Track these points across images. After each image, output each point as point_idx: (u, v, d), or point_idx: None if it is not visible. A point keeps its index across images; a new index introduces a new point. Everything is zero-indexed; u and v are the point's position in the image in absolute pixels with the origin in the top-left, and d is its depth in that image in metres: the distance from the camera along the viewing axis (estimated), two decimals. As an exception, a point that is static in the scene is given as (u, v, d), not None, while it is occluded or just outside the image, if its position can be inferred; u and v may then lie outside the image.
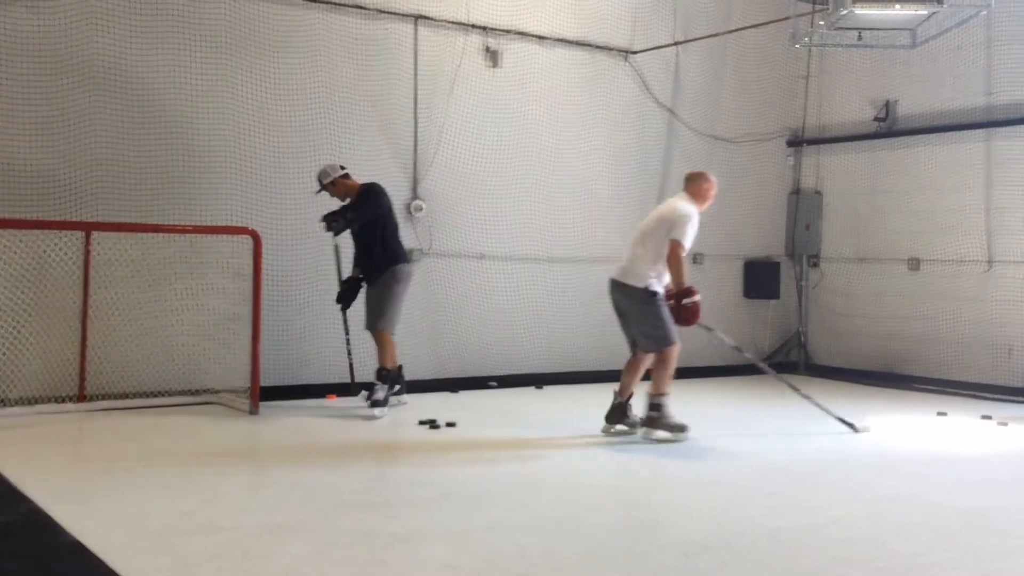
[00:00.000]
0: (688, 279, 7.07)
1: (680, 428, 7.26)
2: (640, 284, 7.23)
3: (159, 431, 7.14)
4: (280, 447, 6.86)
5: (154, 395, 8.09)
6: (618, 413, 7.43)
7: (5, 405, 7.47)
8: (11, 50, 7.75)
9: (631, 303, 7.32)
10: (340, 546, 4.48)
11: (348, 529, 4.76)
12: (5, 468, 5.73)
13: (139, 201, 8.21)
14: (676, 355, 7.28)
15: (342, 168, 8.27)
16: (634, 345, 7.50)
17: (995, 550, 4.73)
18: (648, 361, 7.44)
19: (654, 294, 7.20)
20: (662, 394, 7.24)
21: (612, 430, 7.43)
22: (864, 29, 9.29)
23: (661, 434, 7.24)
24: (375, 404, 7.92)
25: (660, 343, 7.22)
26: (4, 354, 7.57)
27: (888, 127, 11.18)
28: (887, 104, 11.16)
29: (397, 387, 8.31)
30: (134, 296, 8.14)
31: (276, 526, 4.76)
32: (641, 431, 7.32)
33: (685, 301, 7.06)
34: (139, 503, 5.17)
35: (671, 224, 7.16)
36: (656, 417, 7.24)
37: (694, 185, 7.51)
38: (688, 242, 7.10)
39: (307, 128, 9.04)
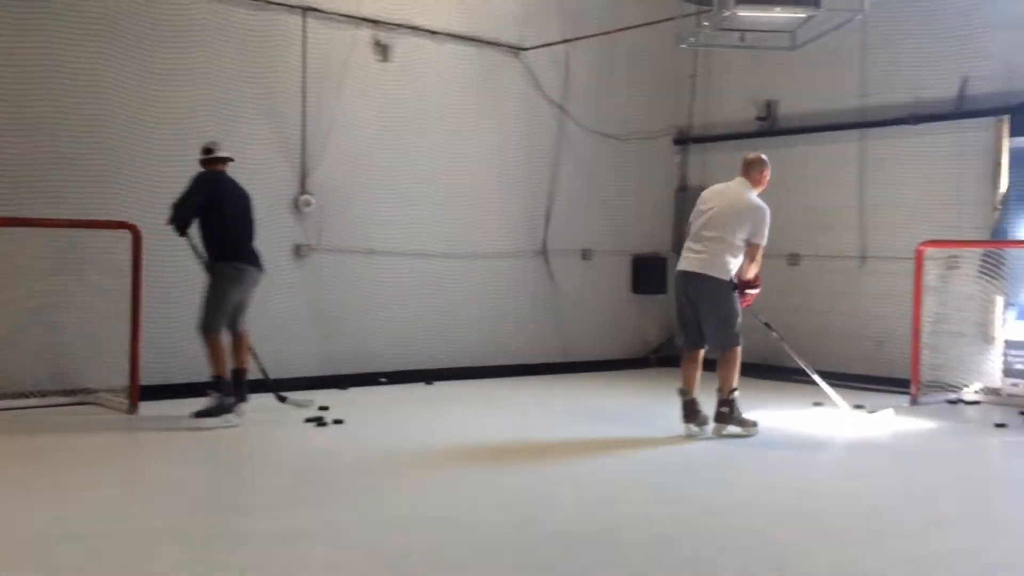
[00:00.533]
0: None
1: (751, 423, 7.33)
2: (725, 277, 7.21)
3: (32, 433, 6.90)
4: (159, 448, 6.70)
5: (27, 396, 7.79)
6: (694, 410, 7.31)
7: None
8: None
9: (712, 296, 7.19)
10: (219, 550, 4.41)
11: (227, 532, 4.68)
12: None
13: (6, 194, 7.88)
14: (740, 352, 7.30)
15: (207, 151, 7.73)
16: (692, 344, 7.37)
17: (863, 534, 4.93)
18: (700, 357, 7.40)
19: (736, 287, 7.25)
20: (733, 390, 7.25)
21: (700, 431, 7.26)
22: (746, 31, 9.56)
23: (733, 429, 7.28)
24: (199, 415, 7.25)
25: (731, 341, 7.25)
26: None
27: (770, 126, 11.52)
28: (768, 104, 11.50)
29: (232, 398, 7.46)
30: (4, 294, 7.82)
31: (152, 531, 4.65)
32: (712, 427, 7.30)
33: (748, 290, 7.30)
34: (8, 508, 4.98)
35: (753, 225, 7.24)
36: (727, 413, 7.25)
37: (756, 172, 7.47)
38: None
39: (191, 120, 8.81)
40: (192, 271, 8.76)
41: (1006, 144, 9.61)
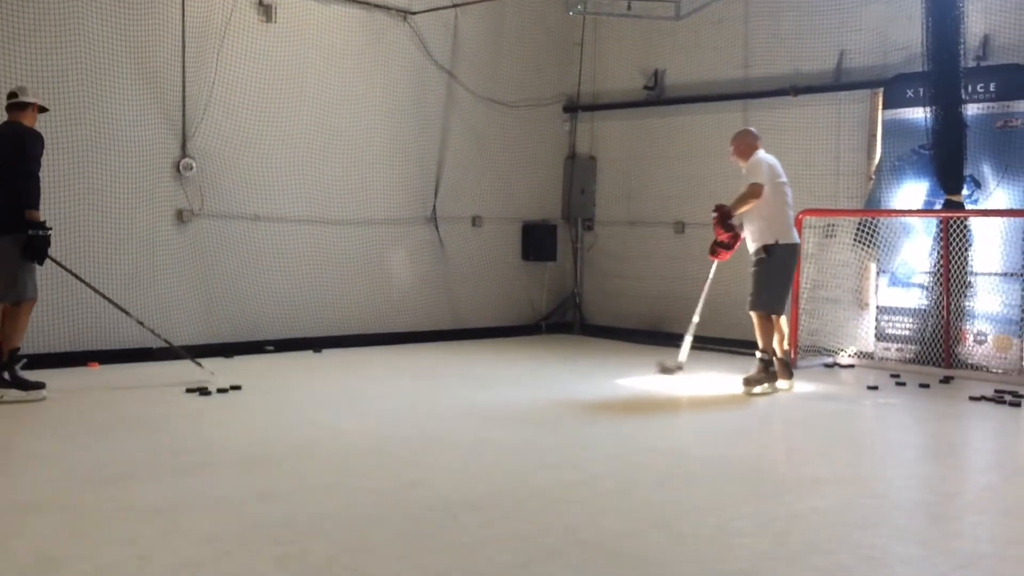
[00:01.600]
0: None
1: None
2: None
3: None
4: (30, 419, 6.45)
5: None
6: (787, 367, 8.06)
7: None
8: None
9: None
10: (93, 523, 4.28)
11: (102, 504, 4.54)
12: None
13: None
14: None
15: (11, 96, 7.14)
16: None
17: (739, 494, 5.08)
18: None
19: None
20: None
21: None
22: (632, 0, 9.65)
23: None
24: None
25: None
26: None
27: (657, 95, 11.66)
28: (656, 73, 11.64)
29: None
30: None
31: (22, 504, 4.49)
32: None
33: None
34: None
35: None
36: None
37: None
38: None
39: (64, 82, 8.43)
40: (67, 236, 8.46)
41: (880, 116, 9.95)
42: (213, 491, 4.82)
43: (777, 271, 7.82)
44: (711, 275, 8.39)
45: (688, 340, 8.52)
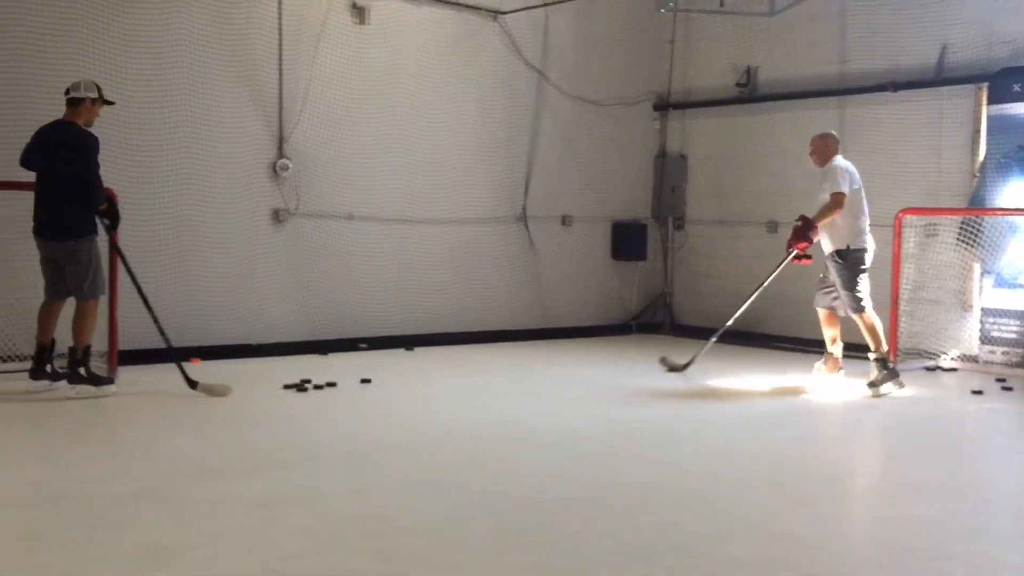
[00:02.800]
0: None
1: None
2: None
3: (9, 397, 6.84)
4: (137, 412, 6.67)
5: (3, 359, 7.72)
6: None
7: None
8: None
9: None
10: (198, 514, 4.40)
11: (205, 496, 4.67)
12: None
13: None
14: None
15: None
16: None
17: (836, 499, 4.98)
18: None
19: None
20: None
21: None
22: (726, -5, 9.53)
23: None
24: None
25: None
26: None
27: (749, 93, 11.49)
28: (748, 70, 11.46)
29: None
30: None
31: (131, 495, 4.64)
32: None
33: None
34: (-17, 474, 4.96)
35: None
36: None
37: None
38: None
39: (165, 84, 8.70)
40: (169, 236, 8.73)
41: (984, 111, 9.63)
42: (311, 486, 4.92)
43: (855, 273, 7.93)
44: (764, 283, 8.60)
45: (712, 342, 8.68)
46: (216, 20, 8.97)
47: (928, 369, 9.38)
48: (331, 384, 7.63)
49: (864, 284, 8.00)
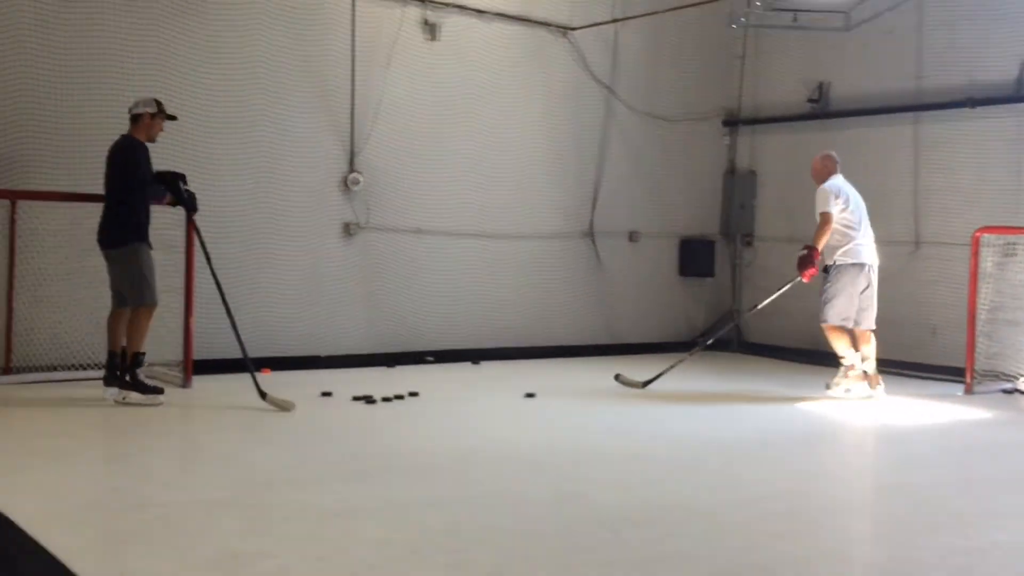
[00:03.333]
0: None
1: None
2: None
3: (88, 404, 7.02)
4: (213, 421, 6.79)
5: (83, 367, 7.93)
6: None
7: (-73, 378, 7.28)
8: (-68, 11, 7.49)
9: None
10: (274, 522, 4.46)
11: (282, 505, 4.74)
12: (-73, 443, 5.60)
13: (66, 170, 8.01)
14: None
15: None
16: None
17: (918, 524, 4.88)
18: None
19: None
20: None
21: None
22: (799, 11, 9.45)
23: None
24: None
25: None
26: (-75, 326, 7.36)
27: (821, 108, 11.35)
28: (821, 86, 11.32)
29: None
30: (62, 266, 7.97)
31: (208, 502, 4.73)
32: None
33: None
34: (68, 477, 5.09)
35: None
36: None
37: None
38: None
39: (241, 99, 8.90)
40: (243, 248, 8.90)
41: (1065, 129, 9.40)
42: (384, 497, 4.96)
43: (837, 288, 8.39)
44: (762, 304, 9.11)
45: (683, 359, 9.04)
46: (291, 37, 9.14)
47: (1006, 392, 9.14)
48: (400, 397, 7.68)
49: (843, 300, 8.38)
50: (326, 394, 7.71)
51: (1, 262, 7.72)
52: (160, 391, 7.28)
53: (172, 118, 7.51)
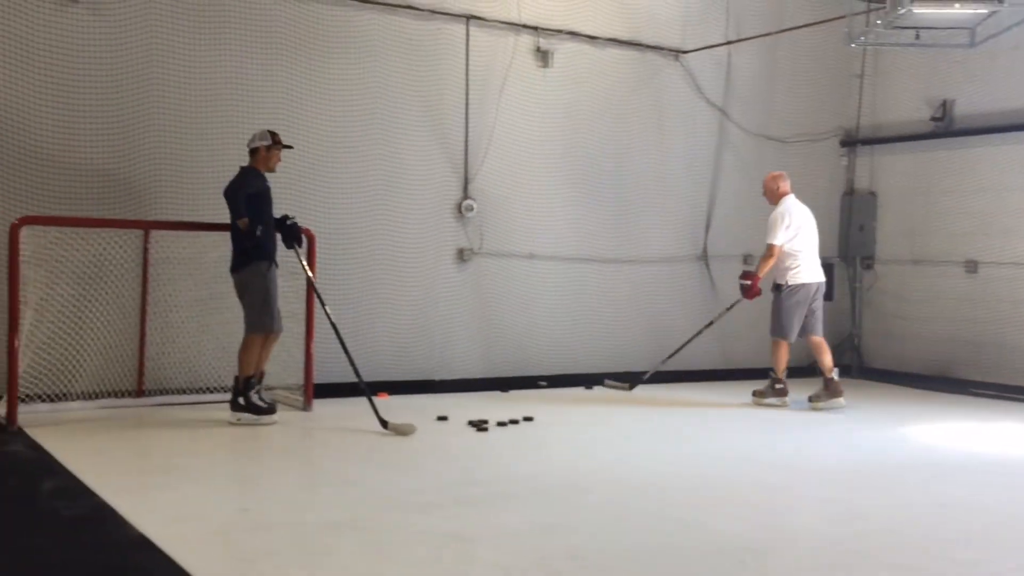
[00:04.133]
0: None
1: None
2: None
3: (216, 426, 7.26)
4: (334, 444, 6.94)
5: (210, 391, 8.22)
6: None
7: (68, 399, 7.65)
8: (72, 50, 7.93)
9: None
10: (395, 545, 4.54)
11: (403, 528, 4.81)
12: (69, 462, 5.88)
13: (197, 200, 8.34)
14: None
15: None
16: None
17: (1056, 560, 4.66)
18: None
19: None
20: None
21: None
22: (922, 28, 9.19)
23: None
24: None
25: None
26: (67, 349, 7.74)
27: (945, 127, 11.01)
28: (944, 104, 10.99)
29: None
30: (191, 293, 8.28)
31: (333, 524, 4.83)
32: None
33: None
34: (198, 498, 5.28)
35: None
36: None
37: None
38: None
39: (359, 127, 9.14)
40: (361, 274, 9.11)
41: None
42: (501, 522, 4.99)
43: (786, 307, 8.99)
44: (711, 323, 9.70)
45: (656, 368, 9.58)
46: (407, 67, 9.35)
47: None
48: (515, 421, 7.72)
49: (795, 319, 8.98)
50: (442, 418, 7.79)
51: (135, 290, 8.08)
52: (272, 411, 7.47)
53: (288, 147, 7.76)
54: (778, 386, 9.12)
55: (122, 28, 8.10)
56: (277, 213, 7.70)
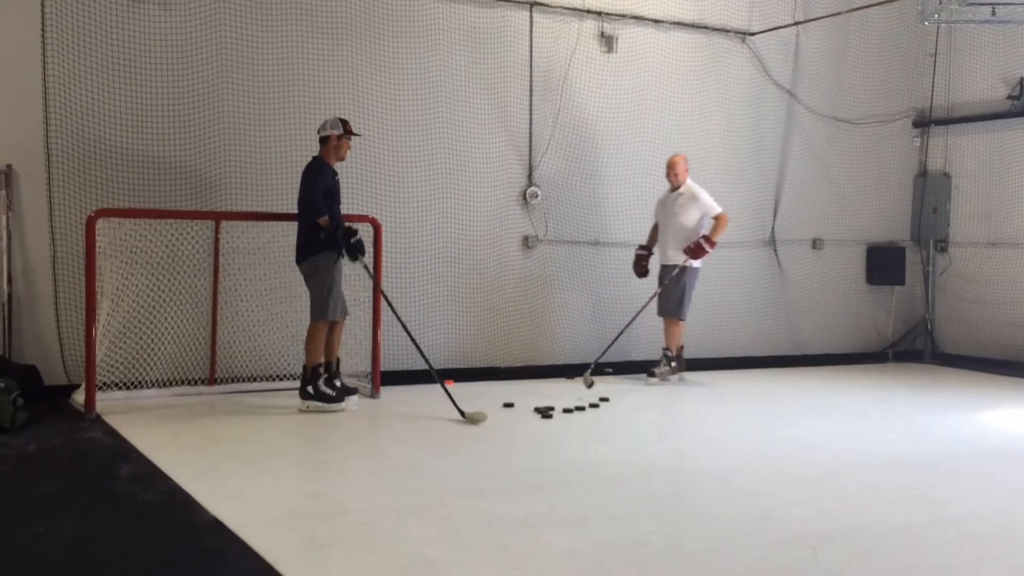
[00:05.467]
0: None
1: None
2: None
3: (286, 414, 7.37)
4: (402, 431, 7.00)
5: (280, 378, 8.35)
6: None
7: (143, 387, 7.83)
8: (144, 45, 8.09)
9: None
10: (464, 530, 4.57)
11: (471, 514, 4.84)
12: (145, 448, 6.02)
13: (265, 190, 8.48)
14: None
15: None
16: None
17: None
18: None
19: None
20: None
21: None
22: (998, 4, 8.93)
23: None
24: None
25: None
26: (141, 339, 7.92)
27: (1023, 106, 10.68)
28: (1021, 81, 10.67)
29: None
30: (261, 283, 8.41)
31: (401, 509, 4.88)
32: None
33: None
34: (270, 484, 5.37)
35: None
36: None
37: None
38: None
39: (424, 116, 9.17)
40: (426, 262, 9.17)
41: None
42: (569, 508, 5.00)
43: (692, 287, 9.29)
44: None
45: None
46: (471, 54, 9.36)
47: None
48: (580, 408, 7.71)
49: (692, 299, 9.31)
50: (508, 405, 7.81)
51: (207, 279, 8.23)
52: (341, 399, 7.53)
53: (356, 135, 7.81)
54: (674, 363, 9.34)
55: (191, 22, 8.24)
56: (345, 209, 7.77)
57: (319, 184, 7.46)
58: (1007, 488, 5.66)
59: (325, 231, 7.40)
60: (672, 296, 9.25)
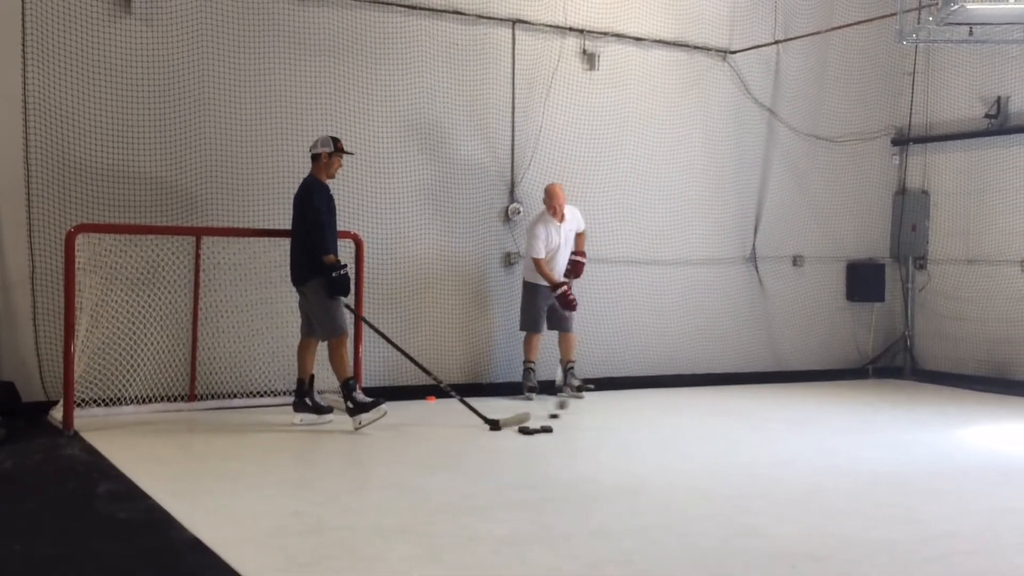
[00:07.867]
0: None
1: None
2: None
3: (267, 430, 7.33)
4: (384, 448, 6.96)
5: (260, 395, 8.29)
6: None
7: (122, 403, 7.76)
8: (124, 61, 8.05)
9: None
10: (447, 549, 4.54)
11: (455, 532, 4.81)
12: (124, 465, 5.96)
13: (246, 206, 8.44)
14: None
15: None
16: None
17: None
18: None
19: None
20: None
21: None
22: (975, 24, 9.03)
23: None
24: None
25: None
26: (120, 355, 7.85)
27: (1000, 124, 10.80)
28: (999, 101, 10.79)
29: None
30: (241, 299, 8.36)
31: (384, 528, 4.85)
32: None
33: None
34: (251, 502, 5.32)
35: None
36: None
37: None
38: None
39: (406, 133, 9.17)
40: (408, 278, 9.14)
41: None
42: (553, 526, 4.98)
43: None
44: None
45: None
46: (453, 70, 9.37)
47: None
48: (554, 417, 7.69)
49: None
50: (492, 422, 7.78)
51: (187, 295, 8.17)
52: (330, 410, 7.58)
53: (348, 153, 7.80)
54: (531, 373, 9.34)
55: (172, 38, 8.21)
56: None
57: (321, 202, 7.43)
58: (990, 505, 5.68)
59: (328, 266, 7.38)
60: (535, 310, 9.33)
